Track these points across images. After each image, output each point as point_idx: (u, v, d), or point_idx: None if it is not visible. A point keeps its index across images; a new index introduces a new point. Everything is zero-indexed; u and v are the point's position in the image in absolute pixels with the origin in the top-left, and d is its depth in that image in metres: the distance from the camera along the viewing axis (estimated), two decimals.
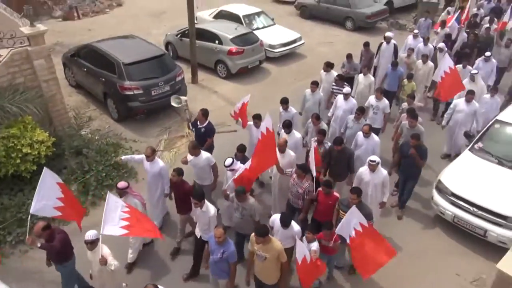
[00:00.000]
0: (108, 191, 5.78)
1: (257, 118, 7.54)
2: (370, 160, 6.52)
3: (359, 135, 7.55)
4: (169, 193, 6.85)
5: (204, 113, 7.68)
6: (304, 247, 5.33)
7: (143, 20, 17.48)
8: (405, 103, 8.90)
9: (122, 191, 6.13)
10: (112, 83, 9.83)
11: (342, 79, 9.43)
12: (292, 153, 6.97)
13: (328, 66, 9.81)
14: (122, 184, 6.18)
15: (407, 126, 7.84)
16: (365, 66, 10.10)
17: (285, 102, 8.20)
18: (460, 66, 10.29)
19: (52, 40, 14.26)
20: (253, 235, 5.17)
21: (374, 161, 6.50)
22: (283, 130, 7.56)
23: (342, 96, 8.66)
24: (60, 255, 5.51)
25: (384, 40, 11.33)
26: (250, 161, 6.33)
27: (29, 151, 7.44)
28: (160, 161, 6.85)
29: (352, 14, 16.59)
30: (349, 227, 5.43)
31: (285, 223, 5.49)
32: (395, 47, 11.29)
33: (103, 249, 5.16)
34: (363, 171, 6.69)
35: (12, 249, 6.89)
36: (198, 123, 7.71)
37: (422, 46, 11.54)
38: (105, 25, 16.76)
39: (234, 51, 12.25)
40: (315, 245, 5.52)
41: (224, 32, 12.64)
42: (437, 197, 7.47)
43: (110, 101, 10.26)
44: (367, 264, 5.49)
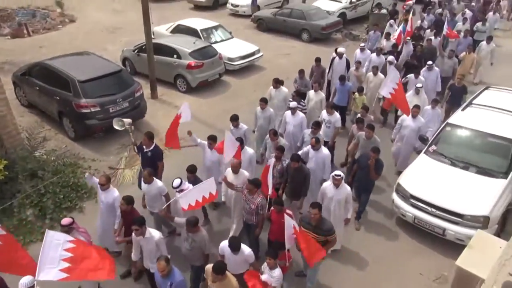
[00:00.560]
0: (47, 229, 5.01)
1: (212, 139, 7.32)
2: (335, 175, 6.39)
3: (309, 148, 7.47)
4: (119, 229, 6.33)
5: (150, 136, 7.27)
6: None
7: (97, 36, 17.11)
8: (359, 115, 8.96)
9: (67, 227, 5.55)
10: (68, 101, 9.51)
11: (299, 94, 9.49)
12: (246, 173, 6.81)
13: (277, 83, 9.58)
14: (66, 221, 5.62)
15: (363, 137, 7.89)
16: (316, 82, 10.00)
17: (235, 119, 7.99)
18: (412, 76, 10.70)
19: (1, 59, 13.65)
20: (209, 268, 4.94)
21: (339, 175, 6.38)
22: None
23: (289, 112, 8.54)
24: None
25: (336, 55, 11.45)
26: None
27: None
28: (115, 191, 6.43)
29: (308, 26, 17.03)
30: (289, 235, 5.52)
31: (234, 247, 5.24)
32: (347, 62, 11.43)
33: None
34: (327, 187, 6.61)
35: None
36: (144, 147, 7.30)
37: (374, 56, 11.86)
38: (57, 42, 16.26)
39: (193, 65, 12.22)
40: (277, 272, 5.24)
41: (182, 46, 12.59)
42: (397, 200, 7.72)
43: (66, 120, 9.92)
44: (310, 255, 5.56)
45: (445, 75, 11.85)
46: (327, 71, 11.53)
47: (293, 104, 8.59)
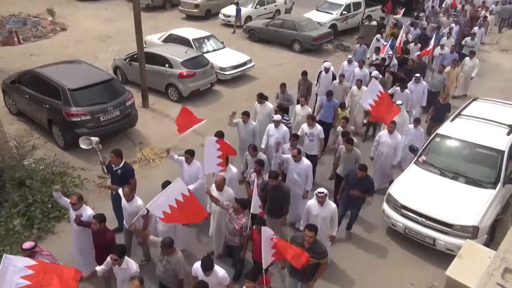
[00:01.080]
0: (5, 253, 4.78)
1: (189, 154, 7.14)
2: (318, 192, 6.24)
3: (290, 160, 7.34)
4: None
5: (118, 153, 6.94)
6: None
7: (89, 44, 17.07)
8: (339, 126, 8.90)
9: (29, 251, 5.27)
10: (57, 109, 9.44)
11: (282, 109, 9.28)
12: (230, 190, 6.64)
13: (262, 98, 9.28)
14: (27, 245, 5.34)
15: (344, 150, 7.87)
16: (303, 96, 9.78)
17: (219, 135, 7.58)
18: (398, 89, 10.60)
19: None
20: None
21: (322, 192, 6.23)
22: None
23: (273, 125, 8.41)
24: None
25: (323, 69, 11.34)
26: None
27: None
28: (88, 209, 6.18)
29: (299, 37, 17.19)
30: (266, 250, 5.33)
31: (205, 267, 5.02)
32: (334, 76, 11.30)
33: None
34: (311, 204, 6.47)
35: None
36: (113, 165, 6.98)
37: (357, 70, 11.77)
38: (48, 50, 16.17)
39: (185, 74, 12.23)
40: None
41: (174, 55, 12.60)
42: (388, 210, 7.75)
43: (55, 128, 9.83)
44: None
45: (435, 90, 11.86)
46: (315, 84, 11.43)
47: (276, 117, 8.41)
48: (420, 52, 13.73)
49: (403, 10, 18.75)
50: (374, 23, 18.06)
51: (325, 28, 18.23)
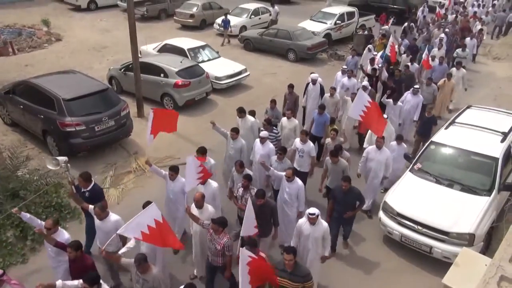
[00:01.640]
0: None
1: (173, 171, 6.88)
2: (309, 214, 6.00)
3: (283, 179, 7.12)
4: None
5: (85, 178, 6.66)
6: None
7: (84, 54, 17.08)
8: (328, 138, 8.85)
9: None
10: (52, 120, 9.40)
11: (270, 123, 8.89)
12: (210, 208, 6.38)
13: (242, 112, 8.98)
14: None
15: (330, 162, 7.76)
16: (289, 109, 9.57)
17: (202, 152, 7.43)
18: (390, 101, 10.45)
19: None
20: None
21: (314, 214, 5.99)
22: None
23: (258, 141, 8.16)
24: None
25: (310, 81, 11.05)
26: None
27: None
28: (65, 234, 5.82)
29: (294, 46, 17.29)
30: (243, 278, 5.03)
31: None
32: (321, 88, 11.02)
33: None
34: (302, 224, 6.22)
35: None
36: (82, 187, 6.70)
37: (346, 80, 11.70)
38: (43, 60, 16.17)
39: (180, 83, 12.25)
40: None
41: (169, 65, 12.63)
42: (384, 218, 7.74)
43: (50, 138, 9.78)
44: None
45: (426, 102, 11.45)
46: (302, 96, 11.21)
47: (263, 134, 8.11)
48: (423, 64, 13.25)
49: (391, 20, 18.63)
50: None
51: (319, 37, 18.36)
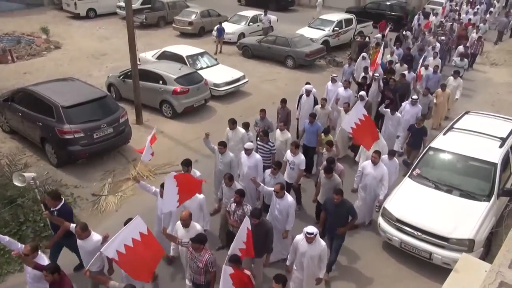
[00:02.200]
0: None
1: (163, 188, 6.34)
2: (307, 233, 5.79)
3: (273, 195, 6.88)
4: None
5: (54, 196, 6.43)
6: None
7: (83, 62, 17.12)
8: (324, 150, 8.68)
9: None
10: (50, 127, 9.40)
11: (267, 134, 8.69)
12: (197, 226, 6.16)
13: (234, 123, 8.84)
14: None
15: (323, 175, 7.61)
16: (282, 121, 9.46)
17: (186, 165, 7.20)
18: (388, 111, 10.30)
19: None
20: None
21: (312, 233, 5.76)
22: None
23: (243, 152, 7.98)
24: None
25: (304, 92, 10.85)
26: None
27: None
28: (44, 259, 5.53)
29: (292, 53, 17.36)
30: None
31: None
32: (315, 99, 10.82)
33: None
34: (299, 241, 6.02)
35: None
36: (50, 207, 6.45)
37: (342, 90, 11.42)
38: (42, 68, 16.20)
39: (179, 90, 12.27)
40: None
41: (168, 72, 12.66)
42: (383, 224, 7.72)
43: (48, 146, 9.77)
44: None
45: (422, 112, 11.22)
46: (296, 108, 10.98)
47: (248, 145, 7.94)
48: (417, 76, 13.03)
49: (389, 27, 18.54)
50: (366, 39, 18.25)
51: (317, 44, 18.44)
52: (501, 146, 8.31)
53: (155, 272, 5.81)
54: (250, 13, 21.98)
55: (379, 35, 18.18)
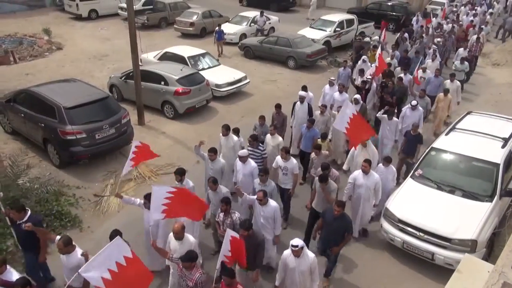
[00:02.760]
0: None
1: (148, 199, 6.08)
2: (292, 245, 5.48)
3: (256, 203, 6.63)
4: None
5: (18, 209, 6.02)
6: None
7: (85, 63, 17.15)
8: (313, 155, 8.43)
9: None
10: (53, 128, 9.41)
11: (256, 139, 8.48)
12: (191, 238, 5.92)
13: (228, 130, 8.59)
14: None
15: (319, 184, 7.22)
16: (272, 126, 9.24)
17: (180, 174, 6.99)
18: (385, 116, 9.88)
19: None
20: None
21: (297, 246, 5.45)
22: None
23: (238, 160, 7.81)
24: None
25: (298, 99, 10.42)
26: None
27: None
28: (14, 274, 5.21)
29: (294, 54, 17.35)
30: None
31: None
32: (309, 107, 10.37)
33: None
34: (287, 256, 5.73)
35: None
36: (16, 220, 6.10)
37: (337, 95, 11.12)
38: (44, 69, 16.24)
39: (180, 91, 12.28)
40: None
41: (169, 73, 12.67)
42: (385, 225, 7.71)
43: (50, 147, 9.78)
44: None
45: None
46: (291, 116, 10.52)
47: (242, 152, 7.75)
48: (414, 80, 12.78)
49: (384, 31, 18.35)
50: (367, 39, 18.21)
51: (319, 44, 18.43)
52: (503, 147, 8.30)
53: None
54: (252, 14, 21.98)
55: (376, 37, 18.00)
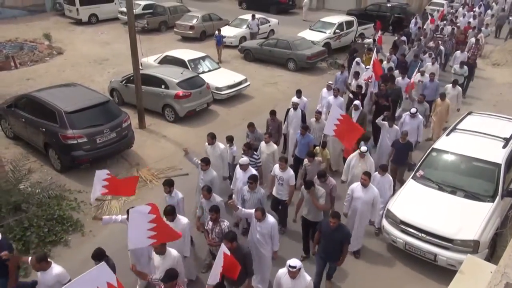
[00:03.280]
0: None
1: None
2: (289, 266, 5.20)
3: (253, 218, 6.34)
4: None
5: None
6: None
7: (85, 67, 17.18)
8: (306, 161, 8.28)
9: None
10: (54, 132, 9.43)
11: (250, 147, 8.30)
12: (173, 252, 5.70)
13: (213, 138, 8.37)
14: None
15: (305, 191, 7.02)
16: (266, 133, 9.02)
17: (168, 185, 6.85)
18: (385, 123, 9.60)
19: None
20: None
21: (295, 267, 5.17)
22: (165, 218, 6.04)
23: (238, 167, 7.68)
24: None
25: (291, 106, 10.21)
26: None
27: None
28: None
29: (294, 56, 17.38)
30: None
31: None
32: (303, 114, 10.18)
33: None
34: (282, 276, 5.48)
35: None
36: None
37: (332, 99, 10.90)
38: (45, 74, 16.27)
39: (181, 94, 12.30)
40: None
41: (170, 76, 12.69)
42: (387, 226, 7.69)
43: (51, 151, 9.80)
44: None
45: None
46: (283, 123, 10.26)
47: (243, 160, 7.58)
48: (407, 85, 12.48)
49: (380, 33, 18.11)
50: (367, 41, 18.20)
51: (318, 46, 18.45)
52: (504, 147, 8.29)
53: None
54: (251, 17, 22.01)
55: (371, 40, 17.86)
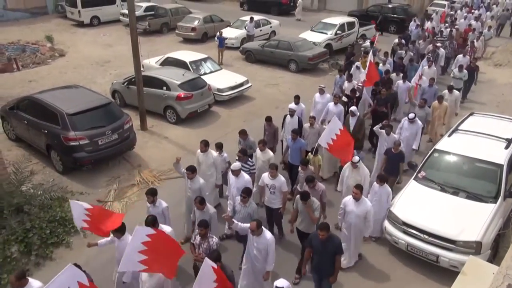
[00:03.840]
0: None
1: (119, 232, 5.89)
2: (276, 287, 4.98)
3: (249, 233, 6.06)
4: None
5: None
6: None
7: (87, 69, 17.23)
8: (299, 169, 8.04)
9: None
10: (56, 134, 9.46)
11: (245, 154, 8.17)
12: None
13: (206, 145, 8.16)
14: None
15: (300, 202, 6.79)
16: (261, 141, 8.66)
17: (152, 194, 6.69)
18: (383, 132, 9.33)
19: None
20: None
21: (282, 287, 4.97)
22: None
23: (231, 173, 7.59)
24: None
25: (288, 112, 9.91)
26: None
27: None
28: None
29: (295, 57, 17.39)
30: None
31: None
32: (300, 120, 9.88)
33: None
34: None
35: None
36: None
37: (332, 106, 10.55)
38: (47, 76, 16.32)
39: (182, 96, 12.32)
40: None
41: (171, 78, 12.71)
42: (389, 228, 7.68)
43: (54, 153, 9.83)
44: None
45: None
46: (281, 129, 10.09)
47: (235, 166, 7.44)
48: (408, 89, 12.29)
49: (378, 34, 18.05)
50: (364, 44, 18.13)
51: (320, 47, 18.46)
52: (507, 147, 8.27)
53: None
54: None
55: (368, 43, 17.74)
